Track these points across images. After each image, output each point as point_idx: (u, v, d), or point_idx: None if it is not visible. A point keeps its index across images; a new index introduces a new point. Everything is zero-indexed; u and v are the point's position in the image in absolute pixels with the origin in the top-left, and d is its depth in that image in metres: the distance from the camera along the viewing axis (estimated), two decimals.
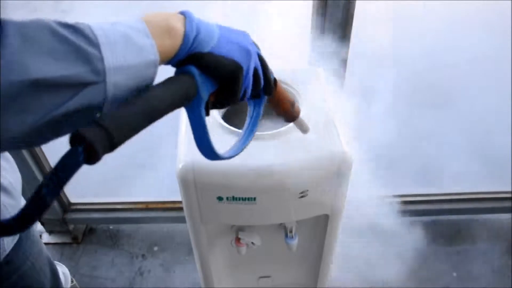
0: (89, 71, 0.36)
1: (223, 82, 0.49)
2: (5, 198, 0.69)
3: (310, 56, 1.15)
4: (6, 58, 0.32)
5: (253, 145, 0.83)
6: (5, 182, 0.70)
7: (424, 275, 1.58)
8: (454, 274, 1.58)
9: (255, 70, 0.53)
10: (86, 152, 0.33)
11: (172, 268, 1.61)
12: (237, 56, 0.49)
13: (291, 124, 0.86)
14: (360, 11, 1.06)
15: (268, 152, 0.82)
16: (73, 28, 0.36)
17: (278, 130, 0.85)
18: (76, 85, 0.35)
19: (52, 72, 0.34)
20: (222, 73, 0.48)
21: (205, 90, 0.47)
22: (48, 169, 1.49)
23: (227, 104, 0.52)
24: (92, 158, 0.34)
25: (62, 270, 1.52)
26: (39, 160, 1.44)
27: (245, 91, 0.52)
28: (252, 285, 1.23)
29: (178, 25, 0.45)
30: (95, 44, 0.37)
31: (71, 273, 1.54)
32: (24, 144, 0.37)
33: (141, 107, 0.38)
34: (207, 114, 0.50)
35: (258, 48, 0.56)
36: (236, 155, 0.59)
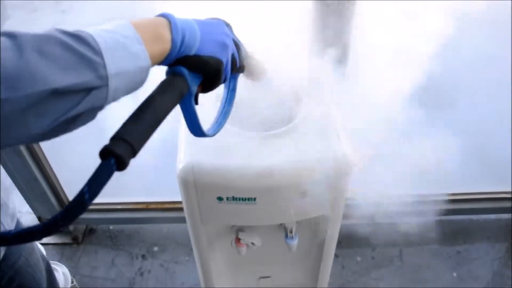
0: (94, 77, 0.40)
1: (208, 75, 0.56)
2: None
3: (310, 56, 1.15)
4: (27, 71, 0.36)
5: (253, 145, 0.83)
6: None
7: (424, 275, 1.58)
8: (454, 274, 1.58)
9: (232, 56, 0.60)
10: (116, 163, 0.40)
11: (172, 268, 1.61)
12: (218, 53, 0.56)
13: (291, 124, 0.86)
14: (361, 10, 1.05)
15: (268, 152, 0.82)
16: (78, 37, 0.40)
17: (278, 130, 0.85)
18: (84, 90, 0.40)
19: (67, 80, 0.38)
20: (207, 70, 0.55)
21: (194, 85, 0.55)
22: (48, 169, 1.49)
23: (211, 90, 0.60)
24: (122, 166, 0.40)
25: (62, 271, 1.52)
26: (39, 160, 1.44)
27: (225, 77, 0.60)
28: (252, 285, 1.23)
29: (165, 32, 0.50)
30: (98, 52, 0.41)
31: (71, 274, 1.54)
32: (36, 141, 0.43)
33: (151, 118, 0.46)
34: (196, 103, 0.58)
35: (231, 32, 0.62)
36: (219, 130, 0.68)
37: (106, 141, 0.42)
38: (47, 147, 1.45)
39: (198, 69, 0.54)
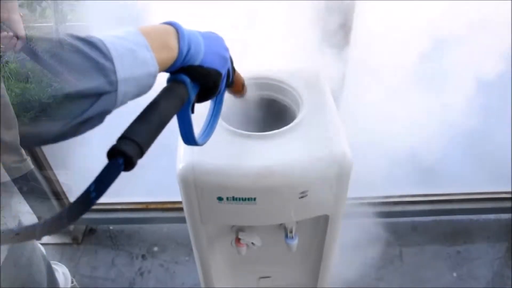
0: (105, 82, 0.41)
1: (206, 86, 0.58)
2: None
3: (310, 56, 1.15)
4: (46, 76, 0.37)
5: (253, 145, 0.83)
6: None
7: (424, 275, 1.58)
8: (454, 274, 1.58)
9: (228, 70, 0.63)
10: (125, 163, 0.40)
11: (172, 268, 1.61)
12: (218, 66, 0.58)
13: (291, 124, 0.86)
14: (360, 10, 1.06)
15: (268, 152, 0.82)
16: (89, 43, 0.41)
17: (278, 130, 0.85)
18: (95, 95, 0.41)
19: (79, 85, 0.39)
20: (208, 81, 0.57)
21: (193, 94, 0.56)
22: (47, 169, 1.49)
23: (205, 101, 0.62)
24: (129, 166, 0.41)
25: (62, 271, 1.52)
26: (39, 160, 1.44)
27: (220, 89, 0.62)
28: (252, 285, 1.23)
29: (173, 41, 0.51)
30: (109, 58, 0.42)
31: (71, 274, 1.54)
32: (44, 144, 0.45)
33: (157, 121, 0.47)
34: (192, 112, 0.59)
35: (227, 48, 0.64)
36: (207, 141, 0.69)
37: (106, 141, 0.42)
38: (47, 147, 1.45)
39: (199, 79, 0.56)
